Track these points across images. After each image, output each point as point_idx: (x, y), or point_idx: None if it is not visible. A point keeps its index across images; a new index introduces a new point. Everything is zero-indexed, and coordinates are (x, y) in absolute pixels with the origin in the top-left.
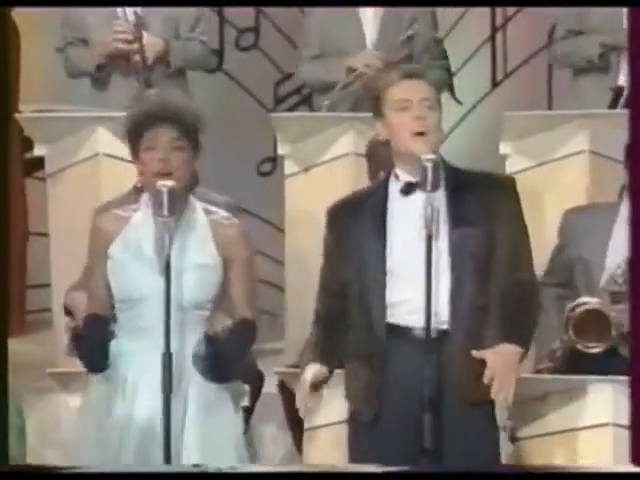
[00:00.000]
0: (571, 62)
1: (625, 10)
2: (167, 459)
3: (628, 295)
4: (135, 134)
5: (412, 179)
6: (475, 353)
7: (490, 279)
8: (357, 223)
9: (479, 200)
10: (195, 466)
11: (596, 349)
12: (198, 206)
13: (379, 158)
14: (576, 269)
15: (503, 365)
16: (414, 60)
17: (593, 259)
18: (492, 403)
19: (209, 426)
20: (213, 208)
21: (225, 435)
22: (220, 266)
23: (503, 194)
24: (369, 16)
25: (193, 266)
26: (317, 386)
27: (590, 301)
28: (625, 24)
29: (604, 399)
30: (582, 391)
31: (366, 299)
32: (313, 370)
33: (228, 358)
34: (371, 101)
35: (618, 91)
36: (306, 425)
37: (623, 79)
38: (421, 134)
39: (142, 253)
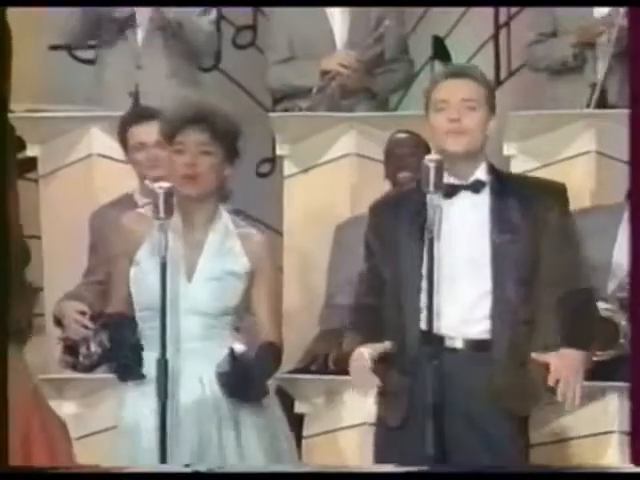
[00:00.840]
0: (546, 65)
1: (594, 8)
2: (163, 459)
3: (628, 300)
4: (169, 137)
5: (456, 180)
6: (535, 356)
7: (535, 288)
8: (396, 222)
9: (526, 207)
10: (186, 466)
11: (604, 357)
12: (226, 215)
13: (396, 158)
14: None
15: (567, 368)
16: (386, 57)
17: (598, 262)
18: (526, 416)
19: (266, 428)
20: (240, 221)
21: (281, 436)
22: (248, 274)
23: (553, 201)
24: (337, 14)
25: (222, 274)
26: (381, 361)
27: (598, 307)
28: (595, 19)
29: (610, 407)
30: (587, 399)
31: (400, 302)
32: (369, 347)
33: (253, 380)
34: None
35: (594, 87)
36: (305, 433)
37: (599, 76)
38: (456, 134)
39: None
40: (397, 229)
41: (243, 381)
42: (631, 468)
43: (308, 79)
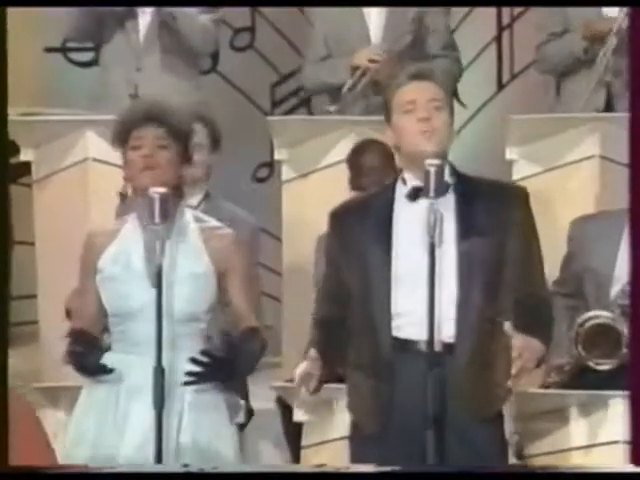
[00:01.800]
0: (555, 65)
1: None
2: (158, 459)
3: (629, 307)
4: (123, 136)
5: (420, 184)
6: (507, 328)
7: (500, 291)
8: (361, 228)
9: (489, 209)
10: (184, 465)
11: (606, 365)
12: (188, 213)
13: (362, 165)
14: (585, 279)
15: (529, 354)
16: (423, 47)
17: (602, 269)
18: (501, 418)
19: (206, 435)
20: (204, 216)
21: (221, 444)
22: (213, 275)
23: (515, 204)
24: (374, 13)
25: (186, 276)
26: (309, 379)
27: (600, 315)
28: (604, 15)
29: (615, 416)
30: (591, 408)
31: (370, 308)
32: (304, 364)
33: (236, 365)
34: (382, 106)
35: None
36: (304, 442)
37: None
38: (427, 133)
39: (132, 265)
40: (362, 235)
41: (223, 364)
42: (631, 468)
43: (340, 76)
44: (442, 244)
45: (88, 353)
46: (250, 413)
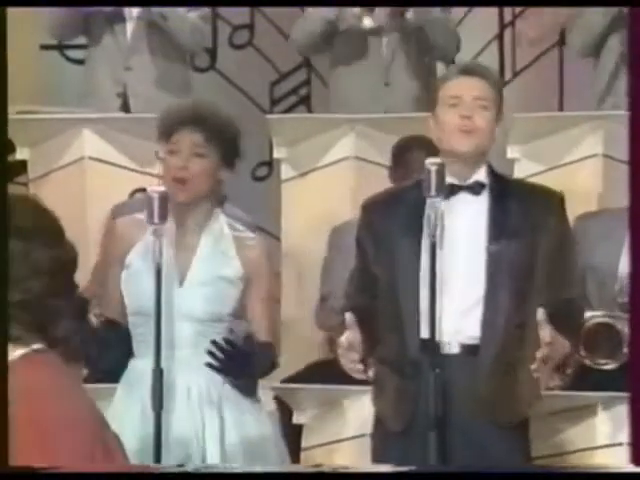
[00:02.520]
0: (589, 42)
1: None
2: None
3: (628, 305)
4: (165, 136)
5: (455, 181)
6: (541, 315)
7: (529, 295)
8: (392, 222)
9: (524, 212)
10: (179, 466)
11: (608, 366)
12: (222, 220)
13: (405, 161)
14: (587, 278)
15: (559, 348)
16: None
17: (604, 267)
18: (526, 423)
19: (248, 429)
20: (238, 225)
21: (263, 435)
22: (241, 281)
23: (550, 208)
24: None
25: (214, 278)
26: (353, 350)
27: (602, 314)
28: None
29: (618, 417)
30: (594, 409)
31: (397, 304)
32: (346, 334)
33: (249, 364)
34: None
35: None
36: (304, 444)
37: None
38: (467, 132)
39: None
40: (393, 228)
41: (240, 362)
42: (631, 468)
43: (320, 20)
44: (443, 245)
45: (115, 346)
46: None
